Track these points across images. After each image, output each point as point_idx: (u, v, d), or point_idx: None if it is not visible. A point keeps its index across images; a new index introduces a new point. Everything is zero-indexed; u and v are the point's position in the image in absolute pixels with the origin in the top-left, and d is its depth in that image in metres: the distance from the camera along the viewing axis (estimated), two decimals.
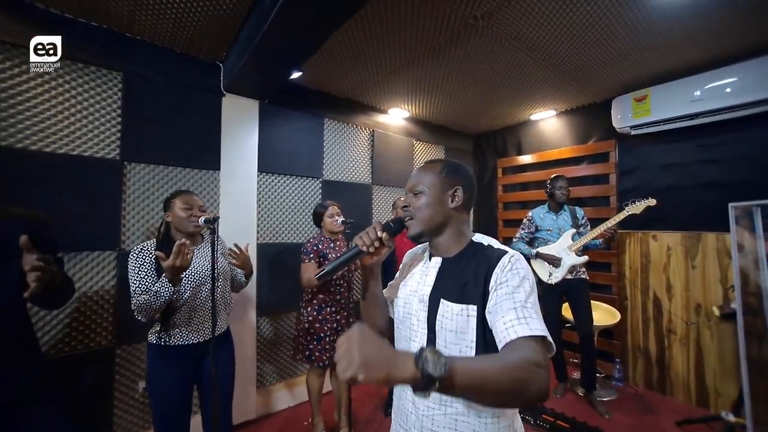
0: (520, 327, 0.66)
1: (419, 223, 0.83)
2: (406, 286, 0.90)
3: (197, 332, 1.43)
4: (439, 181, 0.85)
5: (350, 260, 0.83)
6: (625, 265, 2.87)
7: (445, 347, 0.76)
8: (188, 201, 1.46)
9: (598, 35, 1.98)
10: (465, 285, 0.78)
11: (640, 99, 2.66)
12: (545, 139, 3.50)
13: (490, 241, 0.85)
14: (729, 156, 2.40)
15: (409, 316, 0.85)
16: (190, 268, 1.43)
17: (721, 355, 2.35)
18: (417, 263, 0.93)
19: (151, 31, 1.88)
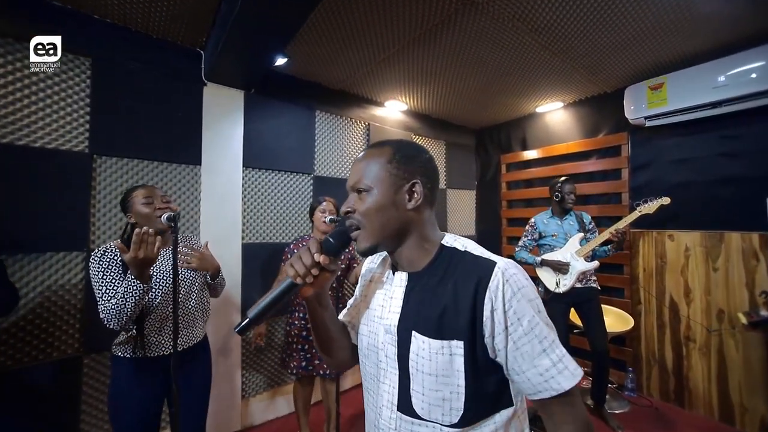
0: (562, 377, 0.56)
1: (369, 234, 0.63)
2: (370, 310, 0.71)
3: (170, 343, 1.27)
4: (389, 173, 0.64)
5: (282, 298, 0.61)
6: (639, 267, 2.67)
7: (423, 394, 0.59)
8: (147, 193, 1.30)
9: (612, 14, 1.79)
10: (443, 313, 0.59)
11: (655, 87, 2.46)
12: (552, 132, 3.30)
13: (465, 243, 0.66)
14: (755, 148, 2.19)
15: (376, 350, 0.67)
16: (163, 270, 1.28)
17: (748, 367, 2.14)
18: (378, 278, 0.73)
19: (121, 13, 1.73)
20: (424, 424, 0.59)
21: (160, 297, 1.26)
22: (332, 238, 0.64)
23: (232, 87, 2.19)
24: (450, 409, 0.58)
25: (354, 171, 0.67)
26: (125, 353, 1.26)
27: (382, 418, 0.64)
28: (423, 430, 0.60)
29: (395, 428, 0.62)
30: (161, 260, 1.32)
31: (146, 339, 1.26)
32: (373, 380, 0.68)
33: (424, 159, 0.68)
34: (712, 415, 2.28)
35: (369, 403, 0.69)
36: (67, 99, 1.72)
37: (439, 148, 3.63)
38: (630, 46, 2.11)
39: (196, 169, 2.08)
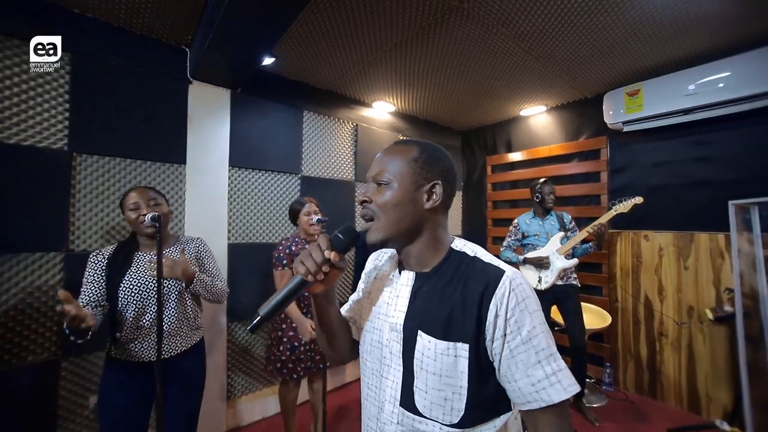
0: (553, 389, 0.56)
1: (383, 227, 0.64)
2: (374, 306, 0.72)
3: (152, 350, 1.26)
4: (412, 171, 0.65)
5: (293, 295, 0.62)
6: (616, 266, 2.78)
7: (426, 392, 0.61)
8: (136, 198, 1.29)
9: (590, 24, 1.86)
10: (451, 315, 0.61)
11: (632, 93, 2.56)
12: (535, 135, 3.39)
13: (475, 249, 0.68)
14: (722, 154, 2.32)
15: (380, 346, 0.68)
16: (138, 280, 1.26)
17: (714, 360, 2.27)
18: (384, 276, 0.74)
19: (103, 8, 1.69)
20: (425, 422, 0.61)
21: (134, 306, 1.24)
22: (341, 235, 0.65)
23: (219, 86, 2.16)
24: (451, 409, 0.60)
25: (377, 163, 0.68)
26: (112, 353, 1.26)
27: (384, 412, 0.65)
28: (423, 427, 0.61)
29: (397, 422, 0.63)
30: (139, 270, 1.29)
31: (127, 345, 1.24)
32: (375, 376, 0.69)
33: (448, 164, 0.69)
34: (682, 406, 2.40)
35: (369, 398, 0.70)
36: (44, 95, 1.66)
37: None
38: (608, 53, 2.20)
39: (180, 168, 2.04)
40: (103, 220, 1.81)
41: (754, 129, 2.18)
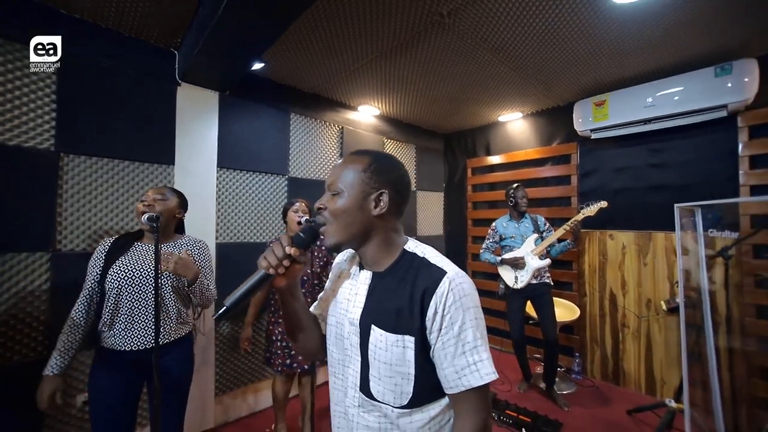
0: (472, 376, 0.64)
1: (336, 231, 0.71)
2: (337, 302, 0.79)
3: (143, 337, 1.31)
4: (361, 181, 0.71)
5: (256, 288, 0.68)
6: (585, 263, 3.00)
7: (379, 379, 0.69)
8: (147, 194, 1.37)
9: (559, 39, 2.03)
10: (400, 310, 0.68)
11: (599, 103, 2.78)
12: (512, 140, 3.58)
13: (425, 250, 0.74)
14: (675, 160, 2.56)
15: (342, 339, 0.76)
16: (139, 264, 1.32)
17: (667, 347, 2.51)
18: (346, 274, 0.81)
19: (92, 9, 1.70)
20: (378, 405, 0.69)
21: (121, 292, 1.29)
22: (302, 233, 0.71)
23: (207, 88, 2.20)
24: (401, 393, 0.68)
25: (332, 173, 0.75)
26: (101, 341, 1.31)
27: (348, 396, 0.74)
28: (377, 410, 0.70)
29: (359, 405, 0.72)
30: (133, 258, 1.34)
31: (110, 331, 1.29)
32: (339, 365, 0.77)
33: (397, 174, 0.75)
34: (640, 390, 2.64)
35: (336, 385, 0.78)
36: (30, 95, 1.66)
37: (410, 152, 3.80)
38: (577, 66, 2.39)
39: (169, 169, 2.07)
40: (91, 221, 1.82)
41: (701, 139, 2.43)
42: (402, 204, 0.75)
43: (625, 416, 2.35)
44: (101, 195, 1.85)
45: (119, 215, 1.90)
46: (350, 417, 0.73)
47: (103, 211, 1.85)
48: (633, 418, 2.31)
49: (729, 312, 2.09)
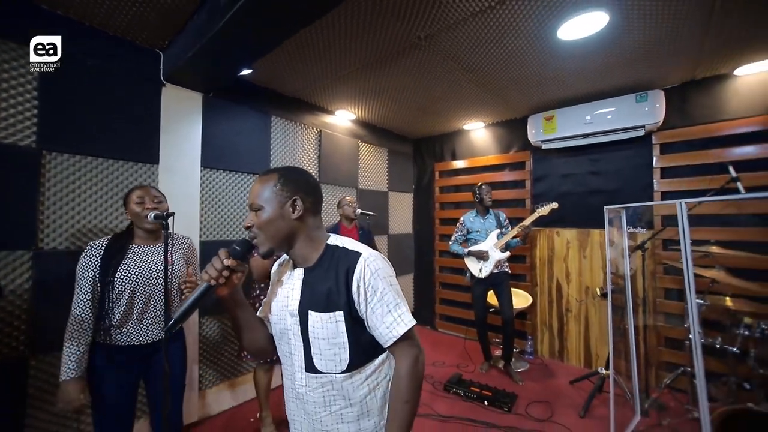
0: (399, 327, 0.81)
1: (266, 240, 0.82)
2: (278, 301, 0.90)
3: (147, 333, 1.39)
4: (275, 194, 0.82)
5: (200, 299, 0.77)
6: (537, 257, 3.42)
7: (320, 354, 0.81)
8: (141, 194, 1.42)
9: (517, 63, 2.37)
10: (329, 293, 0.81)
11: (548, 118, 3.20)
12: (476, 146, 3.95)
13: (344, 242, 0.88)
14: (608, 169, 3.04)
15: (286, 332, 0.87)
16: (146, 266, 1.39)
17: (601, 326, 2.99)
18: (283, 275, 0.92)
19: (80, 7, 1.71)
20: (323, 376, 0.82)
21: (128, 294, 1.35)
22: (237, 246, 0.81)
23: (192, 89, 2.24)
24: (340, 360, 0.81)
25: (251, 193, 0.85)
26: (100, 340, 1.35)
27: (296, 380, 0.85)
28: (323, 380, 0.82)
29: (305, 384, 0.84)
30: (145, 255, 1.42)
31: (119, 330, 1.36)
32: (287, 356, 0.88)
33: (304, 180, 0.87)
34: (580, 364, 3.10)
35: (287, 373, 0.89)
36: (10, 90, 1.63)
37: (382, 155, 4.02)
38: (532, 86, 2.76)
39: (153, 168, 2.09)
40: (74, 219, 1.81)
41: (627, 152, 2.92)
42: (316, 203, 0.88)
43: (568, 386, 2.77)
44: (85, 193, 1.84)
45: (103, 213, 1.91)
46: (301, 397, 0.85)
47: (87, 210, 1.85)
48: (574, 387, 2.74)
49: (645, 294, 2.57)
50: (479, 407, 2.47)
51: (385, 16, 1.80)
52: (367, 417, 0.84)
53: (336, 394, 0.83)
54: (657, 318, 2.69)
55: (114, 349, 1.35)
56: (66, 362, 1.29)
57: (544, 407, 2.45)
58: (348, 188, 3.52)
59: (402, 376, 0.82)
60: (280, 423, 2.24)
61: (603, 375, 2.43)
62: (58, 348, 1.72)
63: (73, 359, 1.29)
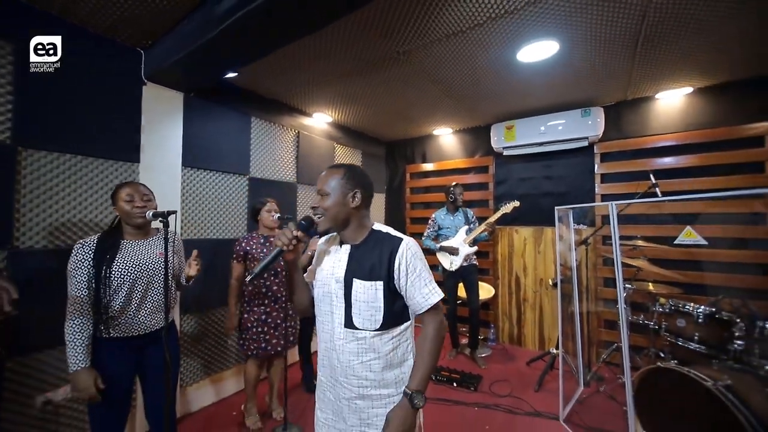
0: (432, 297, 1.01)
1: (327, 220, 1.02)
2: (322, 270, 1.09)
3: (143, 324, 1.44)
4: (341, 185, 1.02)
5: (274, 260, 0.98)
6: (499, 252, 3.77)
7: (359, 314, 1.00)
8: (130, 191, 1.46)
9: (483, 78, 2.65)
10: (372, 266, 1.01)
11: (509, 127, 3.55)
12: (444, 150, 4.24)
13: (387, 229, 1.08)
14: (558, 175, 3.46)
15: (329, 294, 1.05)
16: (141, 260, 1.44)
17: (552, 312, 3.39)
18: (330, 250, 1.12)
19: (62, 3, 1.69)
20: (359, 332, 1.00)
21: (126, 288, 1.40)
22: (303, 221, 1.02)
23: (173, 89, 2.25)
24: (375, 321, 0.99)
25: (320, 180, 1.05)
26: (98, 332, 1.38)
27: (335, 333, 1.03)
28: (359, 335, 1.00)
29: (342, 338, 1.02)
30: (138, 250, 1.47)
31: (123, 321, 1.40)
32: (327, 314, 1.06)
33: (364, 179, 1.08)
34: (535, 347, 3.49)
35: (324, 329, 1.07)
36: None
37: (356, 156, 4.18)
38: (494, 98, 3.06)
39: (134, 166, 2.09)
40: (52, 217, 1.78)
41: (575, 160, 3.35)
42: (369, 198, 1.08)
43: (525, 366, 3.12)
44: (63, 191, 1.82)
45: (82, 212, 1.88)
46: (337, 348, 1.03)
47: (66, 208, 1.82)
48: (530, 367, 3.09)
49: (588, 283, 2.98)
50: (449, 388, 2.73)
51: (370, 33, 1.97)
52: (389, 369, 1.02)
53: (367, 347, 1.01)
54: (598, 303, 3.12)
55: (111, 341, 1.39)
56: (73, 354, 1.31)
57: (505, 385, 2.76)
58: None
59: (430, 335, 1.02)
60: (263, 414, 2.33)
61: (554, 354, 2.79)
62: (36, 350, 1.72)
63: (79, 350, 1.31)
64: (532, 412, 2.39)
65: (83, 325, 1.34)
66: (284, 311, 2.20)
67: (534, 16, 1.86)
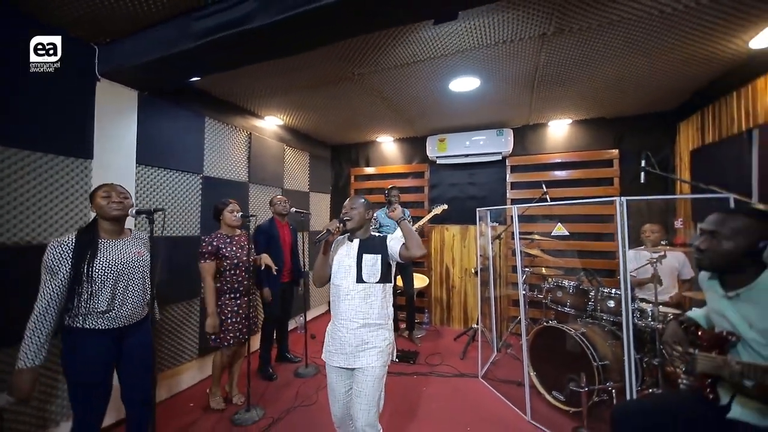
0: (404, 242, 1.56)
1: (354, 224, 1.59)
2: (340, 254, 1.64)
3: (125, 317, 1.54)
4: (362, 207, 1.62)
5: (325, 237, 1.51)
6: (432, 247, 4.36)
7: (366, 273, 1.55)
8: (107, 189, 1.55)
9: (421, 99, 3.14)
10: (374, 247, 1.60)
11: (441, 140, 4.15)
12: (386, 156, 4.69)
13: (379, 233, 1.69)
14: (479, 181, 4.17)
15: (346, 268, 1.59)
16: (121, 259, 1.53)
17: (474, 296, 4.09)
18: (342, 244, 1.66)
19: None
20: (365, 284, 1.53)
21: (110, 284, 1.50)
22: (338, 221, 1.55)
23: (127, 86, 2.25)
24: (375, 276, 1.53)
25: (350, 202, 1.62)
26: (78, 324, 1.45)
27: (350, 288, 1.53)
28: (365, 285, 1.52)
29: (353, 289, 1.53)
30: (117, 248, 1.56)
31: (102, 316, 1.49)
32: (343, 278, 1.56)
33: (371, 205, 1.66)
34: (461, 326, 4.16)
35: (341, 289, 1.55)
36: None
37: (304, 158, 4.38)
38: (430, 115, 3.60)
39: (87, 162, 2.06)
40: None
41: (492, 170, 4.09)
42: (372, 216, 1.67)
43: (452, 341, 3.73)
44: (9, 186, 1.75)
45: (30, 208, 1.82)
46: (350, 298, 1.53)
47: (12, 204, 1.76)
48: (456, 341, 3.72)
49: (501, 271, 3.71)
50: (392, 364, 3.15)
51: (331, 57, 2.28)
52: (380, 309, 1.55)
53: (371, 293, 1.54)
54: (508, 287, 3.89)
55: (94, 332, 1.47)
56: (26, 351, 1.33)
57: (437, 357, 3.31)
58: (275, 188, 3.78)
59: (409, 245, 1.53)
60: (225, 400, 2.47)
61: (475, 329, 3.43)
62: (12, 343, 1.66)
63: (32, 349, 1.34)
64: (458, 374, 2.96)
65: (48, 323, 1.37)
66: (250, 303, 2.41)
67: (462, 60, 2.38)
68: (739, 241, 1.15)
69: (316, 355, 3.29)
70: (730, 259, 1.17)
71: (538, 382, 2.49)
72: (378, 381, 1.49)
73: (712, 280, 1.28)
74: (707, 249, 1.21)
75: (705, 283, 1.33)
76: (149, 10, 1.76)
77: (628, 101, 3.17)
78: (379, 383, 1.50)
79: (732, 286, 1.20)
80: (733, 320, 1.19)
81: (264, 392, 2.66)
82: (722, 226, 1.18)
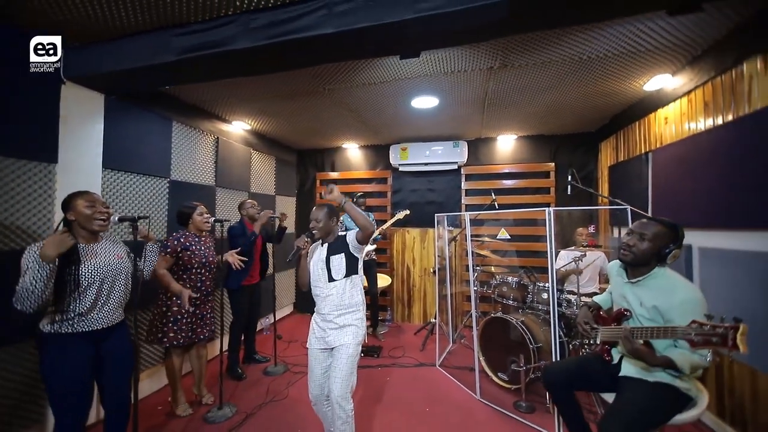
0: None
1: (320, 233, 1.84)
2: (314, 258, 1.88)
3: (106, 319, 1.59)
4: (326, 216, 1.84)
5: (296, 254, 1.78)
6: (394, 249, 4.65)
7: (335, 271, 1.80)
8: (91, 199, 1.58)
9: (386, 113, 3.41)
10: (338, 248, 1.84)
11: (404, 149, 4.46)
12: (351, 162, 4.90)
13: (343, 233, 1.90)
14: (438, 188, 4.55)
15: (319, 271, 1.85)
16: (105, 262, 1.58)
17: (433, 293, 4.45)
18: (316, 249, 1.90)
19: None
20: (336, 281, 1.79)
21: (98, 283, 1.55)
22: (306, 236, 1.78)
23: (94, 89, 2.23)
24: (342, 272, 1.79)
25: (314, 213, 1.84)
26: (55, 329, 1.48)
27: (325, 287, 1.79)
28: (336, 283, 1.79)
29: (327, 287, 1.80)
30: (99, 252, 1.61)
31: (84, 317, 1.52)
32: (318, 278, 1.82)
33: (337, 212, 1.87)
34: (421, 321, 4.49)
35: (318, 287, 1.82)
36: None
37: (271, 162, 4.44)
38: (393, 126, 3.89)
39: (51, 167, 2.02)
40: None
41: (449, 178, 4.48)
42: (337, 221, 1.87)
43: (413, 336, 4.04)
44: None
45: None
46: (326, 293, 1.79)
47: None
48: (416, 335, 4.03)
49: (456, 270, 4.09)
50: None
51: (305, 74, 2.46)
52: (353, 297, 1.82)
53: (342, 287, 1.80)
54: (462, 284, 4.29)
55: (75, 336, 1.51)
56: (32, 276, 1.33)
57: (399, 350, 3.58)
58: (242, 192, 3.82)
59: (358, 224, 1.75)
60: (192, 403, 2.51)
61: (433, 323, 3.76)
62: None
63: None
64: (418, 363, 3.26)
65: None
66: (210, 303, 2.47)
67: (423, 82, 2.68)
68: (656, 243, 1.51)
69: (284, 354, 3.40)
70: (646, 256, 1.53)
71: (486, 366, 2.86)
72: (352, 359, 1.74)
73: (621, 269, 1.67)
74: (634, 246, 1.55)
75: (614, 270, 1.72)
76: (128, 22, 1.81)
77: (561, 122, 3.71)
78: (353, 361, 1.74)
79: (634, 275, 1.58)
80: (630, 300, 1.58)
81: (234, 391, 2.74)
82: (647, 229, 1.53)
